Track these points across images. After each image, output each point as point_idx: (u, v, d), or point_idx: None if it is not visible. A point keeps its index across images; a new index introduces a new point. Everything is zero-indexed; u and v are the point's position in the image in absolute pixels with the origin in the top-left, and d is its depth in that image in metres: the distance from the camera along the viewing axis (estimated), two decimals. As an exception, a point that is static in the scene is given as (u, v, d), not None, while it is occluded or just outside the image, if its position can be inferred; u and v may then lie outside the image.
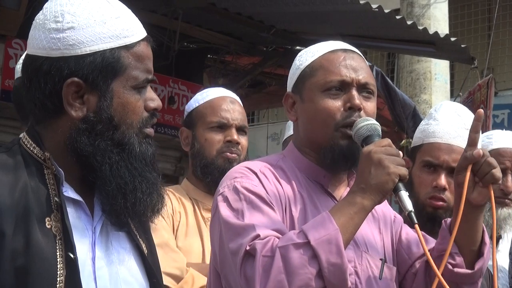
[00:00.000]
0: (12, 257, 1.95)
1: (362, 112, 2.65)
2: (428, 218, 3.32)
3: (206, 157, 3.64)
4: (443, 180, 3.34)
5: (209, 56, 9.70)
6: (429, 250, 2.69)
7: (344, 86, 2.68)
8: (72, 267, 2.01)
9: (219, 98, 3.76)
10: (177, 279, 3.40)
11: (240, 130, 3.72)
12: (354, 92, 2.67)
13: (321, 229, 2.38)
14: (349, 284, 2.41)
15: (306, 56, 2.79)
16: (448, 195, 3.33)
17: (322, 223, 2.40)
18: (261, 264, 2.35)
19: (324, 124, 2.66)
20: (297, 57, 2.83)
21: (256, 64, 9.66)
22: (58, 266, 1.99)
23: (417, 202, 3.36)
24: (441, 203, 3.33)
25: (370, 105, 2.70)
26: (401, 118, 9.18)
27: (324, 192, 2.70)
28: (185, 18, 8.15)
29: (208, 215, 3.56)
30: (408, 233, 2.84)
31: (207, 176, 3.64)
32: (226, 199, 2.58)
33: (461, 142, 3.34)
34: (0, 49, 7.67)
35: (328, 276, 2.34)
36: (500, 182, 2.58)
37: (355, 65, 2.72)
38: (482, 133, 3.48)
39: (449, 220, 2.71)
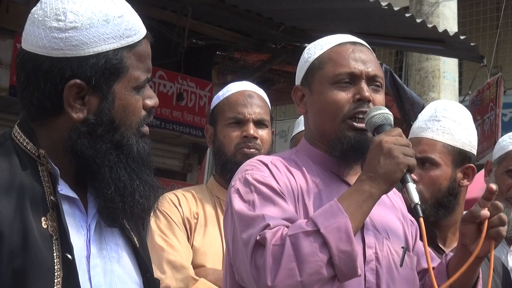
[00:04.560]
0: (10, 259, 1.91)
1: (371, 104, 2.66)
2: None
3: (225, 153, 3.60)
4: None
5: (218, 53, 9.69)
6: (426, 275, 2.74)
7: (353, 79, 2.69)
8: (69, 267, 1.98)
9: (237, 93, 3.71)
10: None
11: (259, 123, 3.65)
12: (363, 85, 2.68)
13: (330, 217, 2.40)
14: (359, 272, 2.43)
15: (315, 49, 2.80)
16: (420, 187, 3.30)
17: (331, 211, 2.42)
18: (271, 253, 2.37)
19: (333, 116, 2.67)
20: (306, 50, 2.84)
21: (264, 61, 9.65)
22: (55, 267, 1.96)
23: None
24: None
25: (379, 97, 2.71)
26: (409, 116, 9.16)
27: (341, 182, 2.71)
28: (194, 15, 8.15)
29: None
30: (419, 244, 2.85)
31: (226, 173, 3.59)
32: (237, 191, 2.61)
33: (430, 133, 3.39)
34: (10, 45, 7.68)
35: (338, 263, 2.36)
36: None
37: (364, 58, 2.73)
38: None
39: (450, 255, 2.74)
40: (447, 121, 3.40)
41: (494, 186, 2.56)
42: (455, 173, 3.38)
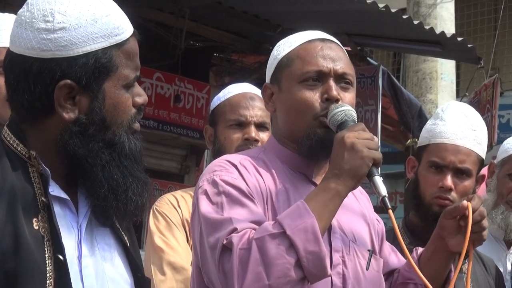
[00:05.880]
0: (1, 261, 1.91)
1: (340, 103, 2.59)
2: (434, 218, 3.32)
3: None
4: (449, 181, 3.33)
5: (215, 54, 9.70)
6: (396, 272, 2.79)
7: (321, 77, 2.62)
8: (61, 269, 1.97)
9: (238, 95, 3.67)
10: None
11: (260, 126, 3.62)
12: (332, 83, 2.61)
13: (296, 218, 2.34)
14: (329, 272, 2.39)
15: (284, 46, 2.74)
16: (454, 195, 3.33)
17: (298, 212, 2.37)
18: (238, 257, 2.31)
19: (302, 115, 2.61)
20: (275, 47, 2.78)
21: (262, 63, 9.65)
22: (47, 268, 1.95)
23: (423, 202, 3.38)
24: (447, 201, 3.34)
25: (349, 96, 2.64)
26: (407, 117, 9.18)
27: (309, 182, 2.65)
28: (192, 17, 8.16)
29: None
30: (386, 245, 2.86)
31: None
32: (205, 193, 2.54)
33: (468, 143, 3.36)
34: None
35: (307, 265, 2.31)
36: None
37: (332, 55, 2.66)
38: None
39: (420, 249, 2.79)
40: (479, 131, 3.40)
41: (465, 203, 2.64)
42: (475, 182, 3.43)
